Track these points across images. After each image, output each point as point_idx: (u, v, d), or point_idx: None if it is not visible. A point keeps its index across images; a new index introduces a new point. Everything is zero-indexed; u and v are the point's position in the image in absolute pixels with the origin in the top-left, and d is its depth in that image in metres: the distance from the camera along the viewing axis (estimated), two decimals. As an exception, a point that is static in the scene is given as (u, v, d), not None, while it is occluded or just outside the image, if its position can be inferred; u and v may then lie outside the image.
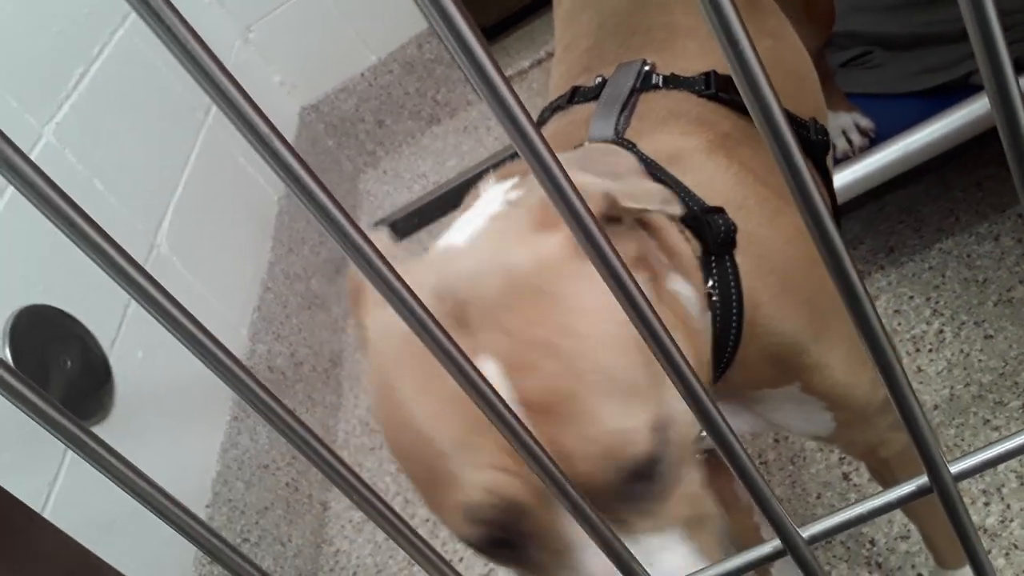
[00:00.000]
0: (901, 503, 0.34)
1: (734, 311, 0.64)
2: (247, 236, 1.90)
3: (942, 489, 0.33)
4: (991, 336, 1.21)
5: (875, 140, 1.33)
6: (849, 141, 1.34)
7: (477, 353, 0.48)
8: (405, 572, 1.48)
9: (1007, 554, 1.03)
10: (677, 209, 0.56)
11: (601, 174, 0.54)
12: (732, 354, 0.65)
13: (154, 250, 1.54)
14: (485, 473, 0.48)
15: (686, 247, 0.64)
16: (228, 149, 1.94)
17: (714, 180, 0.68)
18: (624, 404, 0.48)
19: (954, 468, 0.33)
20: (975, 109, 1.18)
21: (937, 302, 1.29)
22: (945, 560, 0.92)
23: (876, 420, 0.73)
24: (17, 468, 1.06)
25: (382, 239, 0.58)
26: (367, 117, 2.48)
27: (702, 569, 0.36)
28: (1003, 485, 1.09)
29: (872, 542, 1.13)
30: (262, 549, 1.42)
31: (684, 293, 0.61)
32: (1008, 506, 1.07)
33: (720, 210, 0.65)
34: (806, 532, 0.35)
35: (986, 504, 1.09)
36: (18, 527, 0.26)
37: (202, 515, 1.34)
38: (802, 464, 1.24)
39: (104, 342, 1.32)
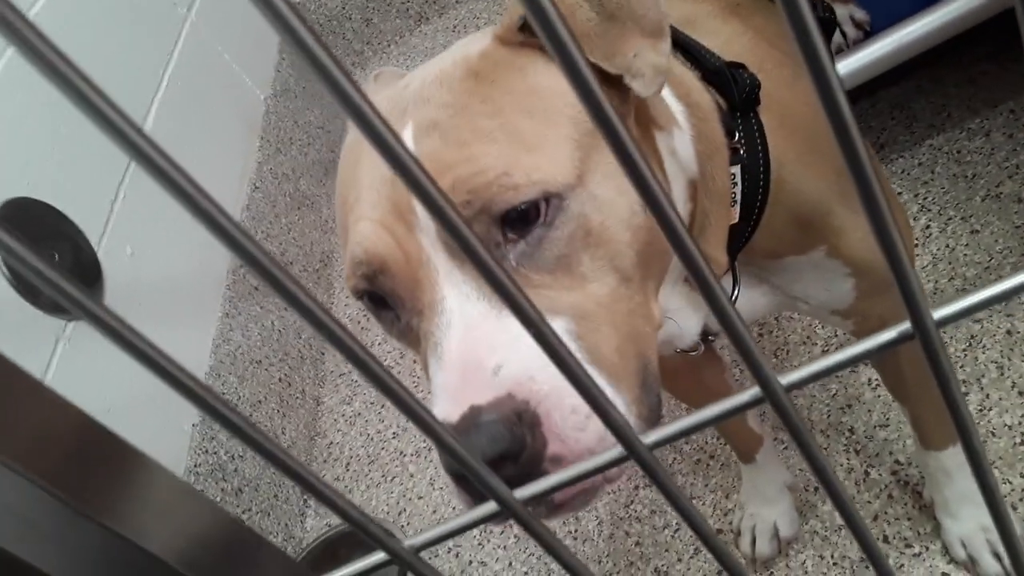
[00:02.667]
0: (882, 350, 0.34)
1: (761, 167, 0.65)
2: (234, 135, 1.87)
3: (924, 335, 0.34)
4: (977, 231, 1.22)
5: (870, 33, 1.31)
6: (843, 34, 1.32)
7: (405, 121, 0.53)
8: (397, 463, 1.51)
9: (984, 441, 1.06)
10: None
11: None
12: (760, 213, 0.66)
13: (140, 146, 1.52)
14: (363, 224, 0.53)
15: (706, 97, 0.64)
16: (213, 46, 1.90)
17: (731, 43, 0.69)
18: (519, 156, 0.50)
19: (937, 314, 0.34)
20: (972, 1, 1.16)
21: (925, 198, 1.30)
22: (929, 440, 0.94)
23: (891, 290, 0.74)
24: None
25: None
26: (354, 15, 2.42)
27: (678, 420, 0.37)
28: (983, 376, 1.11)
29: (851, 430, 1.15)
30: (256, 441, 1.44)
31: (682, 153, 0.61)
32: (987, 396, 1.09)
33: (742, 66, 0.65)
34: (784, 379, 0.35)
35: (965, 394, 1.11)
36: (19, 393, 0.26)
37: (195, 409, 1.36)
38: (785, 357, 1.26)
39: (92, 238, 1.32)
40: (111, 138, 0.24)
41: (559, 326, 0.50)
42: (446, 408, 0.48)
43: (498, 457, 0.46)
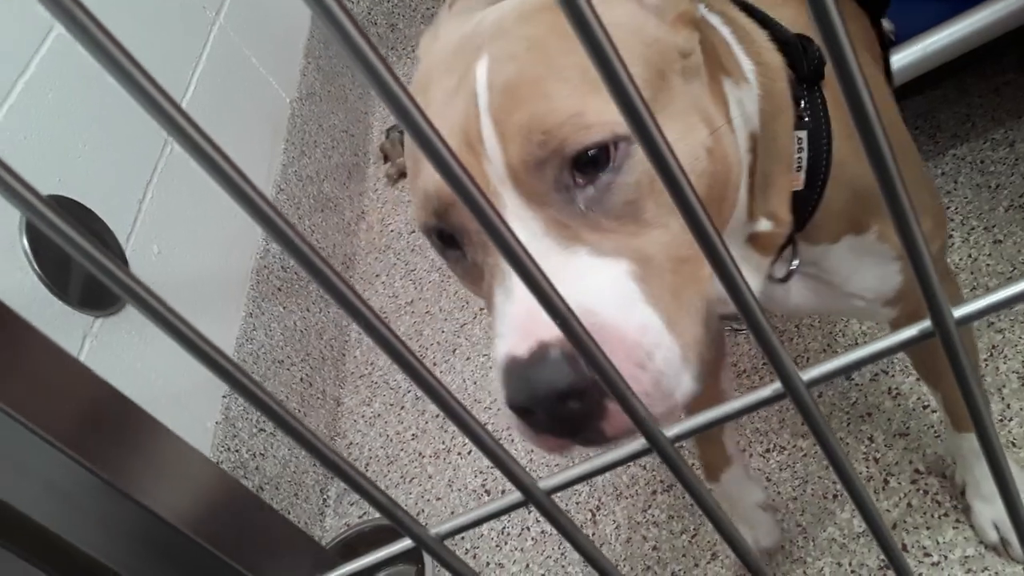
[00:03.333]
0: (904, 346, 0.35)
1: (824, 138, 0.65)
2: (260, 138, 1.89)
3: (944, 332, 0.34)
4: (1000, 241, 1.22)
5: (894, 43, 1.31)
6: (868, 44, 1.32)
7: (481, 53, 0.53)
8: (415, 464, 1.52)
9: (1007, 448, 1.06)
10: None
11: None
12: (823, 186, 0.67)
13: (167, 146, 1.54)
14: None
15: (776, 57, 0.65)
16: (239, 50, 1.92)
17: (796, 18, 0.69)
18: (590, 97, 0.51)
19: (958, 312, 0.34)
20: (997, 10, 1.16)
21: (948, 207, 1.30)
22: (961, 422, 0.95)
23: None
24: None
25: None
26: (379, 21, 2.44)
27: (702, 412, 0.37)
28: (1004, 386, 1.11)
29: (871, 439, 1.15)
30: (277, 439, 1.46)
31: (748, 106, 0.62)
32: (1008, 405, 1.09)
33: (811, 40, 0.66)
34: (806, 375, 0.36)
35: (986, 403, 1.11)
36: (63, 374, 0.27)
37: (219, 405, 1.38)
38: (805, 364, 1.26)
39: (120, 237, 1.34)
40: (152, 114, 0.25)
41: (623, 268, 0.51)
42: (515, 342, 0.49)
43: (565, 393, 0.47)
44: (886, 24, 1.32)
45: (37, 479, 0.32)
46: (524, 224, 0.51)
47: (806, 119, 0.65)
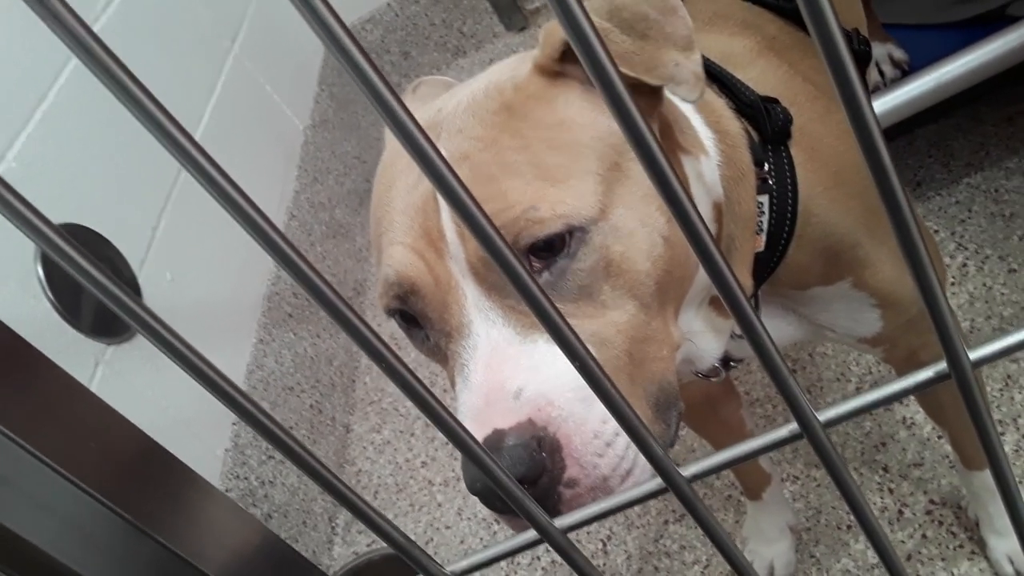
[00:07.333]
0: (919, 388, 0.35)
1: (789, 199, 0.66)
2: (273, 165, 1.90)
3: (960, 375, 0.34)
4: (1015, 270, 1.21)
5: (908, 72, 1.31)
6: (881, 73, 1.33)
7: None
8: (425, 492, 1.51)
9: (1020, 482, 1.05)
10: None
11: None
12: (787, 244, 0.67)
13: (181, 174, 1.55)
14: (395, 248, 0.55)
15: (736, 125, 0.66)
16: (255, 78, 1.94)
17: (765, 77, 0.70)
18: (544, 190, 0.52)
19: (973, 354, 0.34)
20: (1011, 40, 1.16)
21: (962, 236, 1.29)
22: (971, 461, 0.94)
23: (920, 321, 0.75)
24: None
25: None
26: (393, 48, 2.46)
27: (717, 452, 0.37)
28: (1019, 416, 1.09)
29: (885, 468, 1.14)
30: (287, 466, 1.45)
31: (708, 177, 0.62)
32: (1023, 436, 1.08)
33: (775, 101, 0.67)
34: (823, 416, 0.35)
35: (1001, 434, 1.10)
36: (64, 398, 0.27)
37: (229, 432, 1.37)
38: (819, 394, 1.26)
39: (133, 263, 1.35)
40: (166, 146, 0.25)
41: None
42: (471, 428, 0.50)
43: (519, 481, 0.47)
44: (900, 54, 1.33)
45: (51, 513, 0.32)
46: (484, 315, 0.53)
47: (770, 182, 0.66)
